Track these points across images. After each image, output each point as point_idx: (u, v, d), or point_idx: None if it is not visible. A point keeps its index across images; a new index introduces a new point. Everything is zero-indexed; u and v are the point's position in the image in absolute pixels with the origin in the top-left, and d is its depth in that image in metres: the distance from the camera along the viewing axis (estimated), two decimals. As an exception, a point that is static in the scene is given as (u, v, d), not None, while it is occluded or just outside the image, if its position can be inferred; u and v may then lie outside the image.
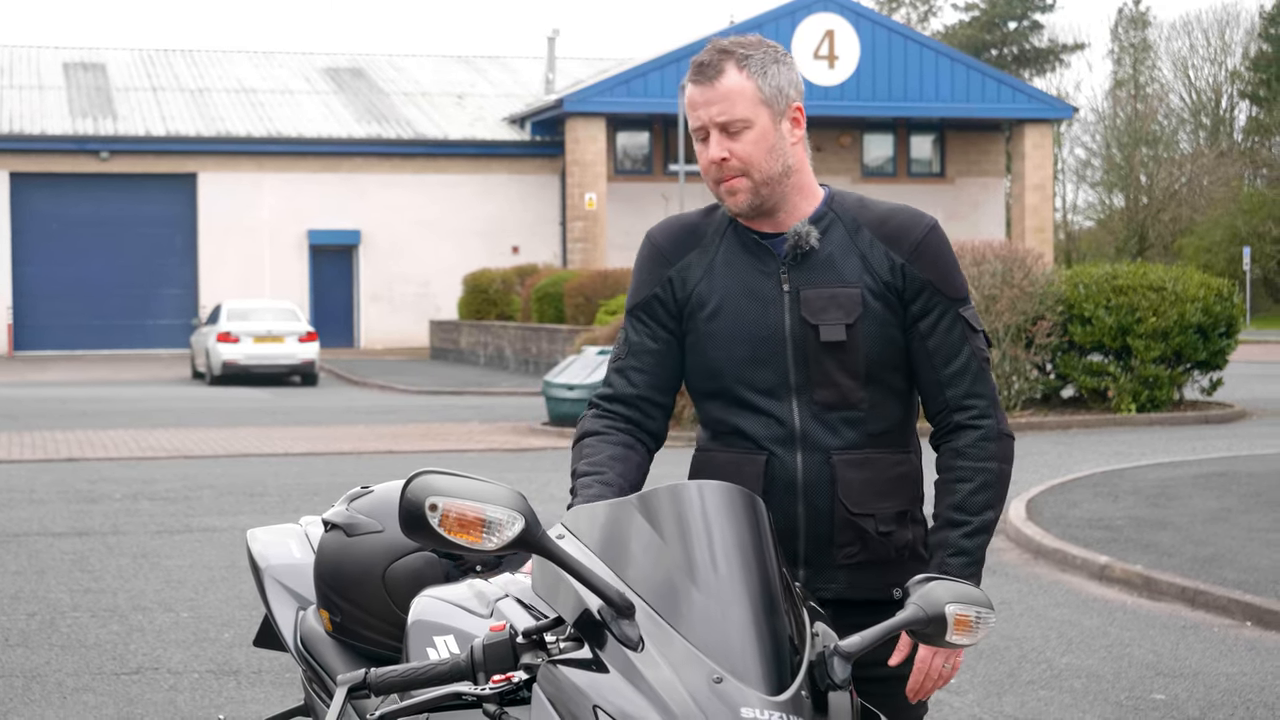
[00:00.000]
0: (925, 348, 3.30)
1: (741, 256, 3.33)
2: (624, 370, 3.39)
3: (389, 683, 2.69)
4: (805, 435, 3.27)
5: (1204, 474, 14.48)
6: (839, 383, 3.27)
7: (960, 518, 3.28)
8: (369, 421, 22.42)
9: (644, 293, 3.40)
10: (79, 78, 47.32)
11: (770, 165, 3.25)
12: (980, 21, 74.70)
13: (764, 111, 3.24)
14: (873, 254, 3.29)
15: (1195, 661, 7.99)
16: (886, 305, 3.27)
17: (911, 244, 3.29)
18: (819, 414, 3.27)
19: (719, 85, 3.22)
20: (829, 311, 3.25)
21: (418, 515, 2.55)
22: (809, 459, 3.27)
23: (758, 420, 3.29)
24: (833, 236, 3.31)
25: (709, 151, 3.25)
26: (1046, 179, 44.97)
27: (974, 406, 3.32)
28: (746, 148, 3.23)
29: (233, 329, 31.85)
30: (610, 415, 3.37)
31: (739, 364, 3.29)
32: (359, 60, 52.25)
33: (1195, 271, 22.93)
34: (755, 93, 3.23)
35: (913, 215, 3.35)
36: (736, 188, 3.26)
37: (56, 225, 43.10)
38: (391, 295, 44.77)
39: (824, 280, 3.27)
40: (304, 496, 13.87)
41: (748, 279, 3.31)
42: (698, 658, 2.52)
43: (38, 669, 7.69)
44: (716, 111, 3.22)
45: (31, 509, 13.27)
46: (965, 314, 3.32)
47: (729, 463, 3.31)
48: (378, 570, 3.74)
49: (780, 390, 3.28)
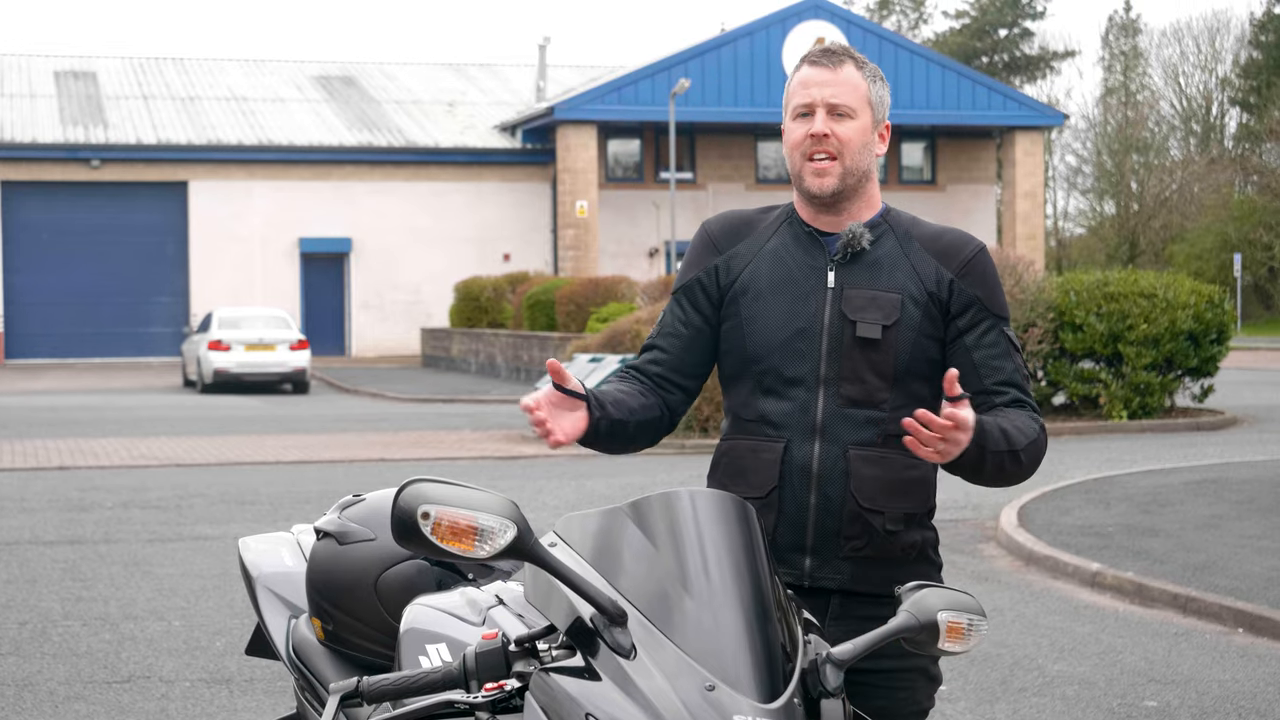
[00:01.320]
0: (971, 360, 3.41)
1: (793, 248, 3.45)
2: (652, 348, 3.54)
3: (382, 691, 2.69)
4: (826, 427, 3.36)
5: (1195, 481, 14.49)
6: (867, 380, 3.36)
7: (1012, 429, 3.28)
8: (360, 429, 22.40)
9: (688, 275, 3.53)
10: (70, 86, 47.29)
11: (859, 159, 3.40)
12: (971, 29, 74.79)
13: (867, 111, 3.42)
14: (922, 266, 3.41)
15: (1187, 668, 8.00)
16: (927, 316, 3.38)
17: (962, 261, 3.43)
18: (843, 408, 3.36)
19: (840, 72, 3.41)
20: (868, 311, 3.36)
21: (410, 523, 2.56)
22: (826, 450, 3.35)
23: (782, 407, 3.39)
24: (885, 243, 3.43)
25: (812, 126, 3.38)
26: (1037, 186, 45.02)
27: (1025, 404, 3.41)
28: (848, 132, 3.38)
29: (224, 337, 31.82)
30: (632, 378, 3.51)
31: (774, 350, 3.40)
32: (350, 68, 52.24)
33: (1186, 278, 22.96)
34: (866, 92, 3.42)
35: (963, 235, 3.50)
36: (827, 170, 3.38)
37: (48, 233, 43.06)
38: (383, 303, 44.74)
39: (869, 281, 3.39)
40: (295, 505, 13.85)
41: (794, 270, 3.42)
42: (690, 665, 2.52)
43: (29, 677, 7.68)
44: (831, 93, 3.39)
45: (23, 517, 13.25)
46: (1008, 332, 3.45)
47: (749, 449, 3.42)
48: (370, 578, 3.74)
49: (809, 380, 3.37)
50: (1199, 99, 69.26)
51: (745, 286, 3.44)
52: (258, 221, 43.80)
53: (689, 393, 3.53)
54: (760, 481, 3.38)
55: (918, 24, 78.74)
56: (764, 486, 3.37)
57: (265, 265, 43.93)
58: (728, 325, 3.46)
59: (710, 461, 3.52)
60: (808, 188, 3.40)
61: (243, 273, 43.63)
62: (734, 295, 3.45)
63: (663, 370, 3.50)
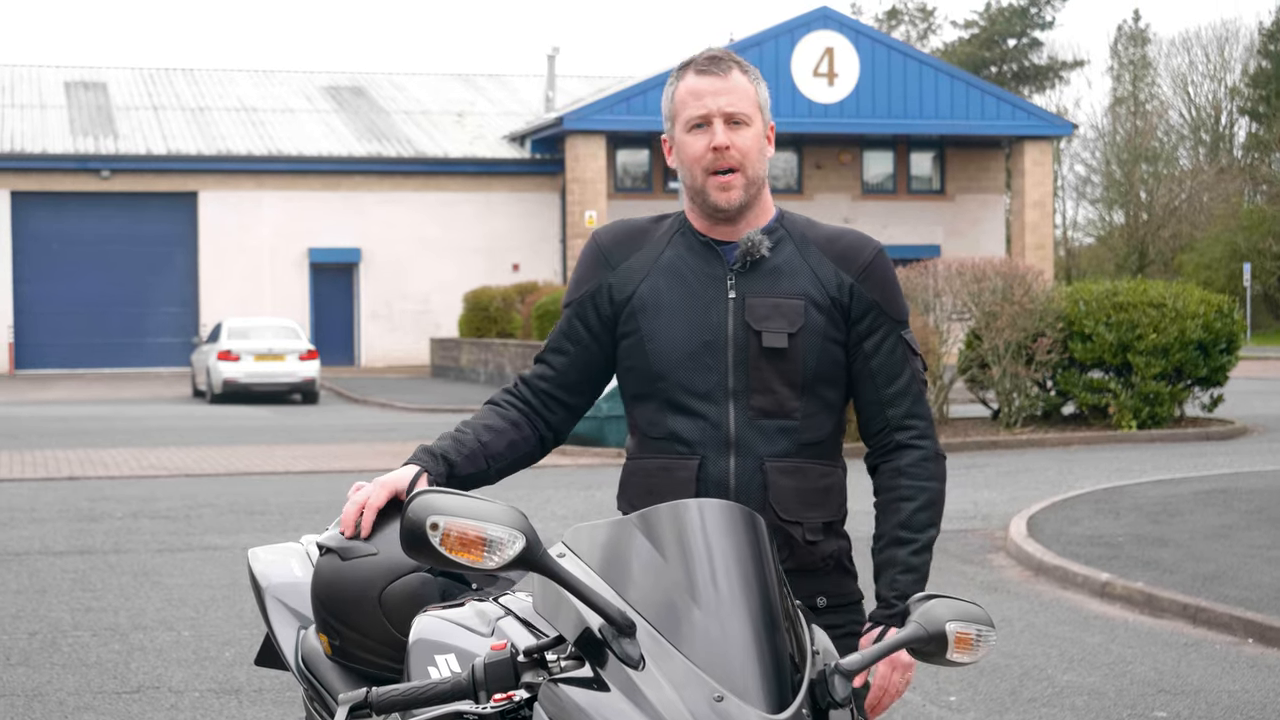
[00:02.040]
0: (869, 367, 3.37)
1: (689, 259, 3.37)
2: (542, 360, 3.51)
3: (391, 702, 2.69)
4: (740, 440, 3.31)
5: (1205, 491, 14.47)
6: (776, 390, 3.31)
7: (907, 535, 3.35)
8: (370, 440, 22.41)
9: (579, 290, 3.45)
10: (80, 97, 47.39)
11: (758, 167, 3.35)
12: (980, 39, 74.80)
13: (759, 116, 3.36)
14: (822, 270, 3.35)
15: (1197, 679, 7.98)
16: (830, 320, 3.33)
17: (861, 264, 3.37)
18: (754, 420, 3.31)
19: (729, 79, 3.32)
20: (773, 319, 3.30)
21: (419, 534, 2.56)
22: (742, 464, 3.31)
23: (693, 423, 3.32)
24: (783, 249, 3.36)
25: (713, 138, 3.30)
26: (1046, 196, 45.00)
27: (914, 427, 3.40)
28: (745, 142, 3.31)
29: (233, 347, 31.86)
30: (515, 394, 3.49)
31: (678, 366, 3.33)
32: (359, 79, 52.32)
33: (1195, 288, 22.94)
34: (755, 96, 3.35)
35: (860, 237, 3.44)
36: (731, 183, 3.31)
37: (58, 244, 43.13)
38: (392, 313, 44.78)
39: (770, 289, 3.32)
40: (305, 515, 13.86)
41: (693, 282, 3.35)
42: (699, 676, 2.52)
43: (39, 688, 7.69)
44: (726, 102, 3.31)
45: (33, 528, 13.26)
46: (906, 336, 3.40)
47: (660, 469, 3.35)
48: (374, 593, 3.73)
49: (717, 394, 3.31)
50: (1208, 108, 69.24)
51: (643, 302, 3.36)
52: (267, 232, 43.86)
53: (574, 411, 3.48)
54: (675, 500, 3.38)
55: (926, 34, 78.78)
56: None
57: (275, 275, 43.98)
58: (627, 342, 3.38)
59: (618, 482, 3.46)
60: (714, 203, 3.32)
61: (252, 283, 43.68)
62: (631, 312, 3.37)
63: (548, 387, 3.46)
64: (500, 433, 3.40)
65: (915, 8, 79.97)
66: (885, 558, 3.35)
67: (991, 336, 21.63)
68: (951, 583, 10.35)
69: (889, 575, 3.33)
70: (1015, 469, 17.73)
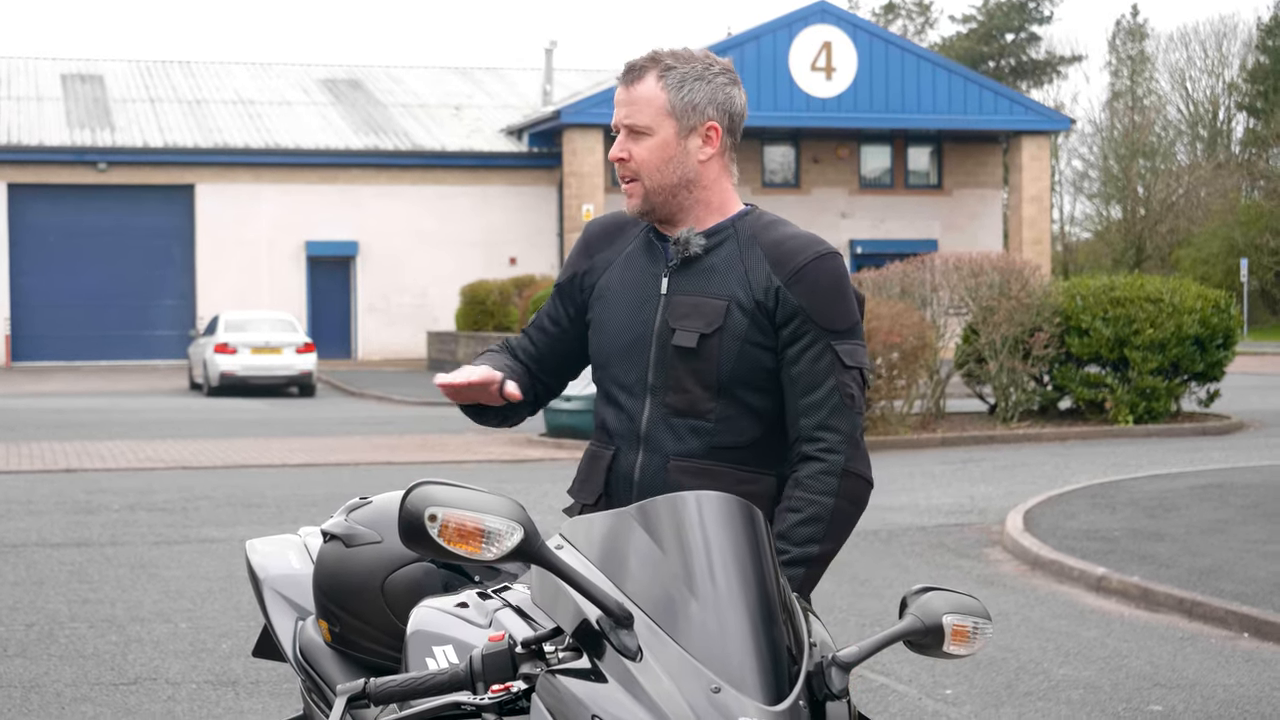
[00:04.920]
0: (790, 374, 3.32)
1: (640, 255, 3.43)
2: (527, 334, 3.60)
3: (388, 692, 2.70)
4: (649, 436, 3.34)
5: (1201, 485, 14.48)
6: (689, 390, 3.31)
7: (782, 546, 3.20)
8: (366, 432, 22.42)
9: (564, 275, 3.56)
10: (77, 89, 47.34)
11: (663, 175, 3.33)
12: (978, 33, 74.78)
13: (668, 124, 3.33)
14: (755, 272, 3.32)
15: (1193, 673, 7.99)
16: (754, 324, 3.30)
17: (793, 269, 3.31)
18: (666, 417, 3.33)
19: (634, 90, 3.35)
20: (690, 318, 3.31)
21: (417, 526, 2.56)
22: (648, 460, 3.33)
23: (616, 414, 3.39)
24: (723, 250, 3.36)
25: (613, 149, 3.39)
26: (1044, 191, 44.99)
27: (823, 440, 3.28)
28: (642, 153, 3.34)
29: (230, 340, 31.84)
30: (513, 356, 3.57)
31: (613, 357, 3.40)
32: (356, 72, 52.27)
33: (1192, 283, 22.95)
34: (664, 105, 3.33)
35: (807, 241, 3.36)
36: (631, 191, 3.38)
37: (54, 236, 43.08)
38: (389, 306, 44.75)
39: (698, 288, 3.34)
40: (302, 507, 13.87)
41: (638, 276, 3.41)
42: (696, 668, 2.52)
43: (36, 679, 7.69)
44: (625, 114, 3.36)
45: (30, 520, 13.26)
46: (839, 347, 3.29)
47: (590, 455, 3.46)
48: (376, 581, 3.75)
49: (638, 388, 3.36)
50: (1206, 104, 69.22)
51: (601, 293, 3.45)
52: (264, 225, 43.83)
53: (549, 386, 3.58)
54: (591, 489, 3.42)
55: (924, 28, 78.76)
56: (593, 494, 3.40)
57: (272, 268, 43.95)
58: (589, 331, 3.49)
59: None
60: (625, 207, 3.44)
61: (249, 276, 43.65)
62: (592, 300, 3.47)
63: (526, 360, 3.55)
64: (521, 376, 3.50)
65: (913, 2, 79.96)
66: None
67: (988, 331, 21.64)
68: (948, 576, 10.35)
69: None
70: (1012, 463, 17.75)
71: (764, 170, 45.81)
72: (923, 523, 12.99)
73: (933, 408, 22.02)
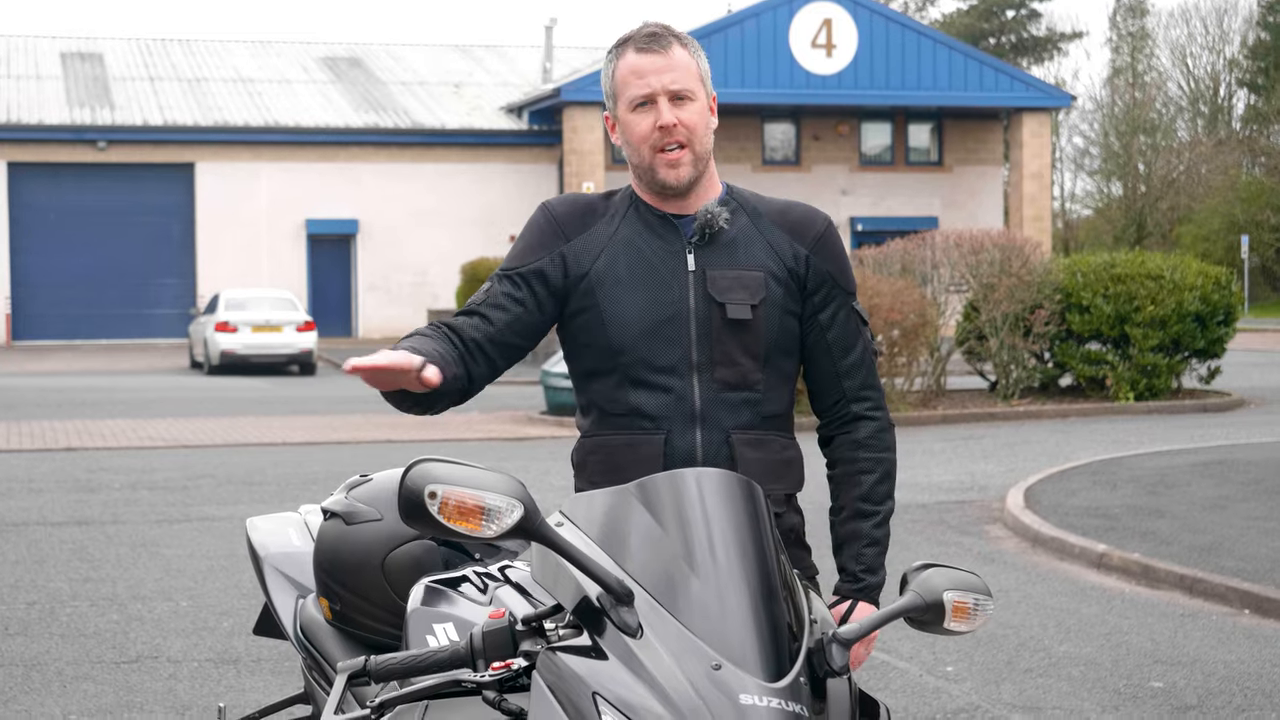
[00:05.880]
0: (825, 339, 3.39)
1: (646, 235, 3.35)
2: (474, 314, 3.33)
3: (389, 670, 2.70)
4: (705, 413, 3.30)
5: (1202, 462, 14.49)
6: (740, 362, 3.31)
7: (869, 508, 3.37)
8: (366, 411, 22.42)
9: (529, 260, 3.38)
10: (76, 67, 47.27)
11: (706, 141, 3.34)
12: (978, 10, 74.63)
13: (702, 90, 3.33)
14: (777, 242, 3.36)
15: (1193, 649, 8.00)
16: (787, 292, 3.34)
17: (815, 236, 3.39)
18: (719, 392, 3.31)
19: (671, 55, 3.30)
20: (735, 291, 3.30)
21: (417, 503, 2.56)
22: (708, 437, 3.30)
23: (656, 398, 3.30)
24: (738, 221, 3.36)
25: (660, 117, 3.27)
26: (1044, 167, 44.95)
27: (870, 398, 3.44)
28: (693, 117, 3.30)
29: (231, 318, 31.84)
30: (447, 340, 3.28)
31: (639, 340, 3.30)
32: (356, 50, 52.18)
33: (1193, 260, 22.95)
34: (698, 70, 3.33)
35: (810, 210, 3.45)
36: (680, 160, 3.30)
37: (54, 215, 43.07)
38: (389, 284, 44.74)
39: (730, 262, 3.32)
40: (302, 485, 13.87)
41: (651, 257, 3.33)
42: (697, 645, 2.52)
43: (37, 657, 7.70)
44: (670, 79, 3.29)
45: (30, 498, 13.27)
46: (857, 307, 3.44)
47: (624, 445, 3.32)
48: (377, 558, 3.75)
49: (681, 368, 3.30)
50: (1207, 80, 69.12)
51: (601, 277, 3.32)
52: (264, 203, 43.80)
53: (495, 370, 3.33)
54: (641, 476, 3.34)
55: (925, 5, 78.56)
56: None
57: (272, 247, 43.93)
58: (584, 318, 3.34)
59: (574, 463, 3.41)
60: (662, 180, 3.30)
61: (249, 254, 43.64)
62: (587, 288, 3.33)
63: (480, 339, 3.29)
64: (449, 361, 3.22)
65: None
66: (848, 531, 3.37)
67: (989, 308, 21.63)
68: (949, 553, 10.36)
69: (854, 549, 3.35)
70: (1012, 441, 17.75)
71: (764, 148, 45.75)
72: (923, 500, 12.99)
73: (933, 385, 22.02)
